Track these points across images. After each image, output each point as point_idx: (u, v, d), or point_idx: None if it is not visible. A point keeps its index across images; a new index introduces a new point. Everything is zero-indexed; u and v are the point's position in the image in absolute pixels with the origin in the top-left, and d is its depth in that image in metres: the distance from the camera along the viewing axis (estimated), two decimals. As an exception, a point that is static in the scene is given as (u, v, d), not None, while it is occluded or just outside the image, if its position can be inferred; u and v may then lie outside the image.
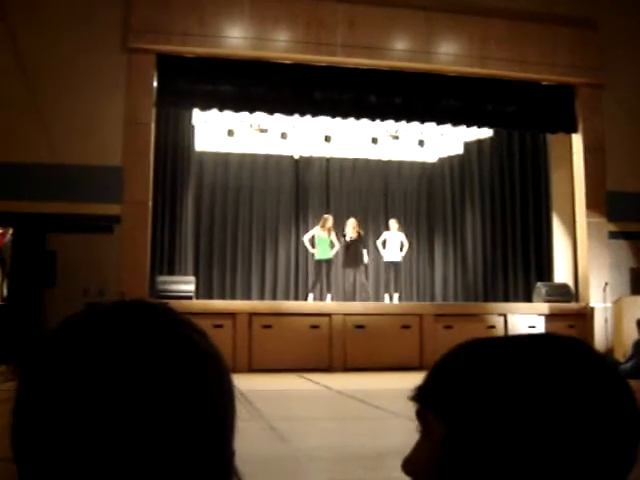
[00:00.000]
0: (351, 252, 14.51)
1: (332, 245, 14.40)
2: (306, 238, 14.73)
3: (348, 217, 15.16)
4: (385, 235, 15.08)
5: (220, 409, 0.73)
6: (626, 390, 0.82)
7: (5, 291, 12.70)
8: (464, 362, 0.86)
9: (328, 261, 14.36)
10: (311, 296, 14.29)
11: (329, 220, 14.39)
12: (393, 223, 15.12)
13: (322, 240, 14.24)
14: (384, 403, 6.83)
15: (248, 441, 0.72)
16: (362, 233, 14.72)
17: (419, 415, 0.87)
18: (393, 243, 14.96)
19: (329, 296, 14.36)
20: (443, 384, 0.85)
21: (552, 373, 0.80)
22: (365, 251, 14.68)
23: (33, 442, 0.68)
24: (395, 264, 15.01)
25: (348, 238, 14.49)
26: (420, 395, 0.88)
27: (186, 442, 0.68)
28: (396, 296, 14.89)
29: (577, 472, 0.76)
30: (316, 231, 14.39)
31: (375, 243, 15.46)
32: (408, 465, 0.87)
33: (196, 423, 0.69)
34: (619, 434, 0.79)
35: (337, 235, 14.59)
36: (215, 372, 0.74)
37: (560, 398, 0.78)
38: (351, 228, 14.52)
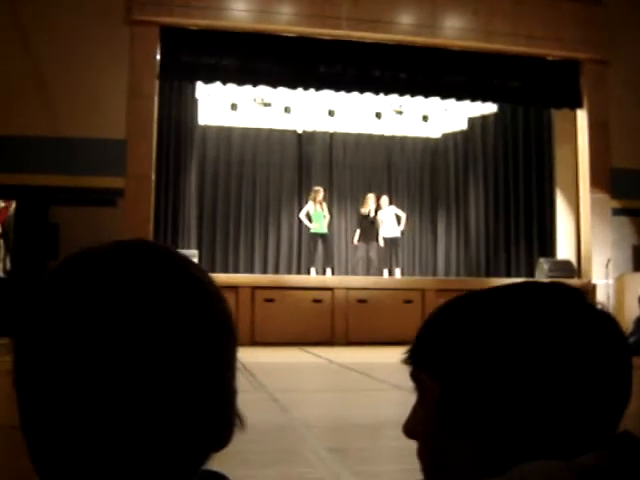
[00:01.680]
0: (368, 228, 14.51)
1: (324, 217, 14.38)
2: (302, 215, 14.72)
3: (353, 192, 15.16)
4: (380, 214, 15.01)
5: (224, 347, 0.73)
6: (615, 330, 0.83)
7: (9, 264, 12.75)
8: (451, 318, 0.87)
9: (323, 235, 14.35)
10: (313, 270, 14.32)
11: (320, 193, 14.36)
12: (385, 199, 15.07)
13: (317, 214, 14.23)
14: (385, 376, 6.87)
15: (250, 412, 0.73)
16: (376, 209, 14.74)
17: (413, 377, 0.88)
18: (388, 219, 14.92)
19: (329, 270, 14.37)
20: (432, 343, 0.87)
21: (539, 319, 0.80)
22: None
23: (37, 391, 0.68)
24: (393, 239, 14.98)
25: (372, 213, 14.49)
26: (412, 356, 0.89)
27: (189, 378, 0.68)
28: (398, 271, 14.91)
29: (571, 415, 0.77)
30: (310, 207, 14.36)
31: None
32: (408, 428, 0.88)
33: (200, 358, 0.69)
34: (610, 374, 0.79)
35: (334, 208, 14.57)
36: (217, 306, 0.74)
37: (549, 343, 0.78)
38: (371, 203, 14.52)
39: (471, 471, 0.77)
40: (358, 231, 14.87)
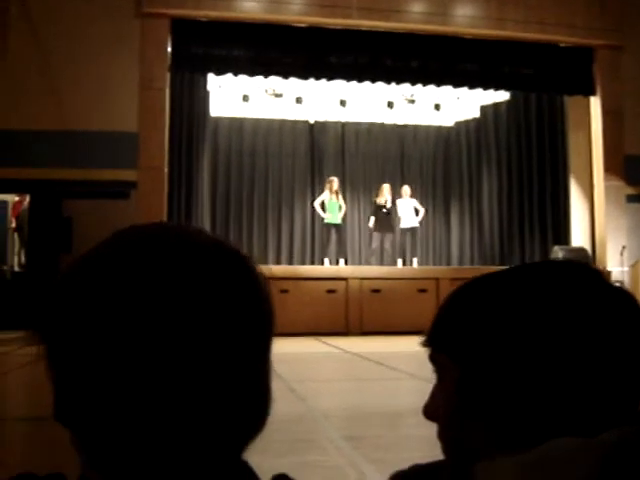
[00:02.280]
0: (384, 218, 14.48)
1: (340, 208, 14.35)
2: (316, 203, 14.69)
3: (365, 182, 15.14)
4: (398, 202, 15.00)
5: (268, 335, 0.75)
6: (634, 308, 0.82)
7: (23, 258, 12.83)
8: (469, 300, 0.86)
9: (337, 225, 14.33)
10: (327, 260, 14.32)
11: (334, 182, 14.30)
12: (406, 189, 15.05)
13: (332, 204, 14.20)
14: (400, 365, 6.88)
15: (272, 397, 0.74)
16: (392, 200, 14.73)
17: (432, 359, 0.88)
18: (407, 209, 14.91)
19: (342, 261, 14.36)
20: (452, 324, 0.86)
21: (558, 298, 0.80)
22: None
23: (89, 378, 0.66)
24: (412, 230, 14.97)
25: (389, 204, 14.46)
26: (431, 339, 0.89)
27: (237, 364, 0.69)
28: (415, 261, 14.90)
29: (592, 393, 0.77)
30: (325, 196, 14.33)
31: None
32: (428, 410, 0.88)
33: (247, 346, 0.70)
34: (630, 351, 0.79)
35: (345, 197, 14.57)
36: (265, 294, 0.77)
37: (569, 321, 0.78)
38: (387, 193, 14.48)
39: (492, 450, 0.77)
40: (373, 219, 14.81)
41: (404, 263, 14.88)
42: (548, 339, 0.78)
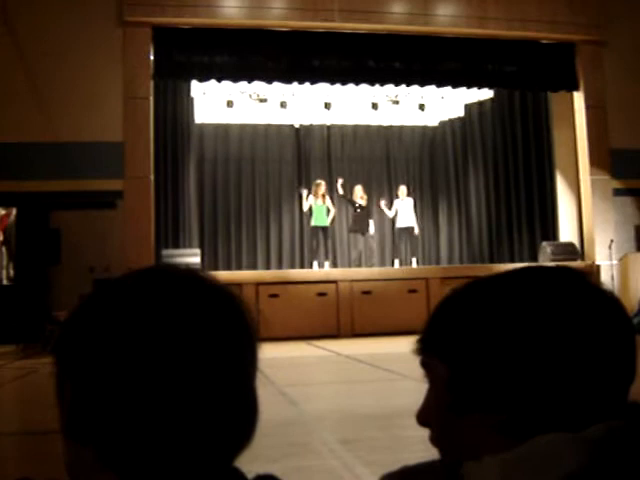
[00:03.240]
0: (359, 218, 14.50)
1: (328, 211, 14.34)
2: (305, 209, 14.66)
3: (352, 184, 15.12)
4: (396, 203, 14.97)
5: (250, 355, 0.82)
6: (618, 309, 0.84)
7: (12, 271, 12.76)
8: (458, 303, 0.88)
9: (324, 228, 14.32)
10: (316, 263, 14.31)
11: (321, 186, 14.29)
12: (403, 189, 15.00)
13: (318, 207, 14.18)
14: (392, 366, 6.88)
15: (260, 406, 0.74)
16: (368, 200, 14.71)
17: (424, 365, 0.89)
18: (406, 209, 14.87)
19: (327, 263, 14.35)
20: (441, 328, 0.88)
21: (543, 299, 0.82)
22: (372, 221, 14.69)
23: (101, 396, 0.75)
24: (408, 229, 14.93)
25: (357, 204, 14.47)
26: (422, 344, 0.89)
27: (226, 382, 0.77)
28: (414, 260, 14.90)
29: (578, 390, 0.78)
30: (311, 200, 14.31)
31: (381, 210, 15.32)
32: (420, 416, 0.90)
33: (233, 365, 0.78)
34: (614, 351, 0.80)
35: (333, 200, 14.58)
36: (247, 320, 0.83)
37: (554, 323, 0.80)
38: (359, 196, 14.49)
39: (484, 448, 0.78)
40: (350, 222, 14.90)
41: (401, 263, 14.87)
42: (530, 333, 0.79)
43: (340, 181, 14.76)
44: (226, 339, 0.78)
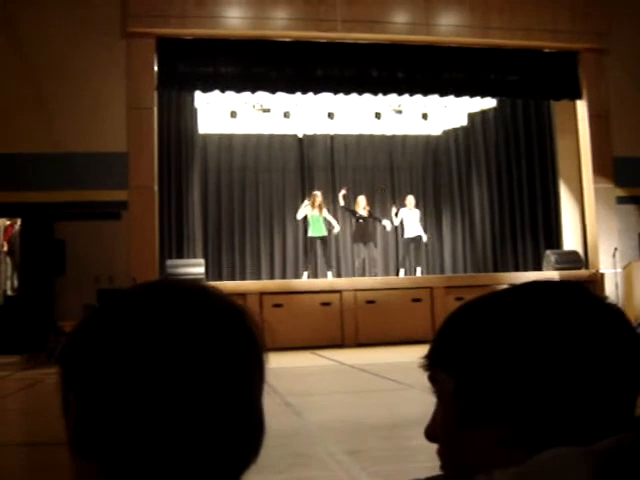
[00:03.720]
0: (361, 229, 14.50)
1: (328, 223, 14.33)
2: (299, 217, 14.63)
3: (356, 193, 15.14)
4: (402, 212, 14.96)
5: (257, 371, 0.82)
6: (622, 321, 0.84)
7: (16, 282, 12.78)
8: (464, 318, 0.89)
9: (322, 238, 14.31)
10: (305, 274, 14.30)
11: (318, 197, 14.29)
12: (410, 200, 14.97)
13: (314, 218, 14.17)
14: (397, 376, 6.86)
15: (264, 417, 0.74)
16: (371, 211, 14.70)
17: (431, 379, 0.90)
18: (413, 219, 14.86)
19: (329, 273, 14.34)
20: (448, 341, 0.89)
21: (547, 314, 0.82)
22: (387, 222, 14.68)
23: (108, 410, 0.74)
24: (415, 239, 14.93)
25: (358, 215, 14.47)
26: (429, 359, 0.90)
27: (231, 397, 0.77)
28: (418, 270, 14.90)
29: (584, 403, 0.78)
30: (307, 210, 14.29)
31: (391, 218, 15.29)
32: (428, 432, 0.90)
33: (240, 381, 0.78)
34: (619, 363, 0.81)
35: (335, 211, 14.58)
36: (255, 336, 0.83)
37: (559, 336, 0.80)
38: (361, 206, 14.49)
39: (491, 461, 0.78)
40: (353, 232, 14.93)
41: (406, 273, 14.87)
42: (535, 345, 0.80)
43: (343, 191, 14.76)
44: (233, 354, 0.77)
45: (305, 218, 14.36)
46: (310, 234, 14.31)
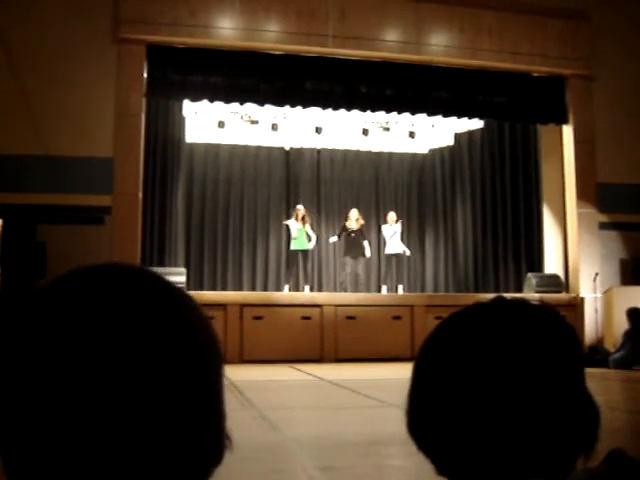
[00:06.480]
0: (352, 242, 14.51)
1: (308, 237, 14.39)
2: (285, 222, 14.77)
3: (340, 208, 15.17)
4: (384, 228, 15.02)
5: (209, 367, 0.73)
6: (572, 337, 0.88)
7: (-5, 284, 12.66)
8: (433, 333, 0.99)
9: (304, 252, 14.36)
10: (287, 287, 14.32)
11: (301, 211, 14.37)
12: (392, 216, 15.05)
13: (299, 231, 14.25)
14: (375, 393, 6.84)
15: (239, 430, 0.72)
16: (363, 224, 14.74)
17: None
18: (394, 235, 14.91)
19: (307, 287, 14.34)
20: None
21: (496, 332, 0.90)
22: (367, 243, 14.69)
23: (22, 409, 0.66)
24: (397, 256, 14.99)
25: (349, 229, 14.49)
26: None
27: (177, 397, 0.68)
28: (400, 287, 14.93)
29: (532, 413, 0.79)
30: (291, 223, 14.37)
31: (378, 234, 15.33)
32: None
33: (187, 378, 0.70)
34: (568, 381, 0.84)
35: (322, 225, 14.63)
36: (203, 328, 0.74)
37: (506, 351, 0.86)
38: (353, 219, 14.52)
39: None
40: (335, 240, 14.97)
41: (388, 290, 14.87)
42: (480, 358, 0.88)
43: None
44: (175, 344, 0.69)
45: (288, 230, 14.41)
46: (292, 247, 14.35)
